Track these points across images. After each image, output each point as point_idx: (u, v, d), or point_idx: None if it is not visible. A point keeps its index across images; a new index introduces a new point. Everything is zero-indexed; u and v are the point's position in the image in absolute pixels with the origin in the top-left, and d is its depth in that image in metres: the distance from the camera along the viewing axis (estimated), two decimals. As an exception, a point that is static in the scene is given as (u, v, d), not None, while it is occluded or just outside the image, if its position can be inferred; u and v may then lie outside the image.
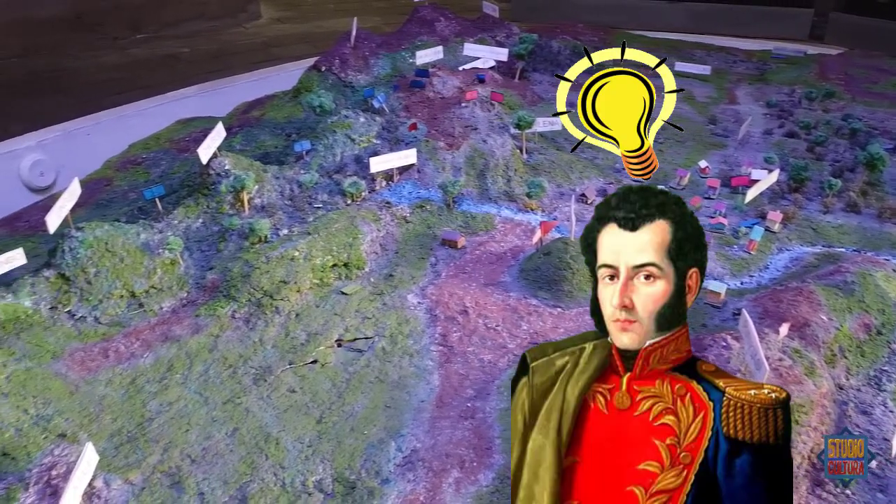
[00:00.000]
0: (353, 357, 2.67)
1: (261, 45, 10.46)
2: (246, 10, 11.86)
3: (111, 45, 10.39)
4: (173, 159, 4.08)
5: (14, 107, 6.89)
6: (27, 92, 8.29)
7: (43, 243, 3.28)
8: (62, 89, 8.64)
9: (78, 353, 2.61)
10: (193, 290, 2.93)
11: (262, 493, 2.12)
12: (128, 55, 9.99)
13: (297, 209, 3.35)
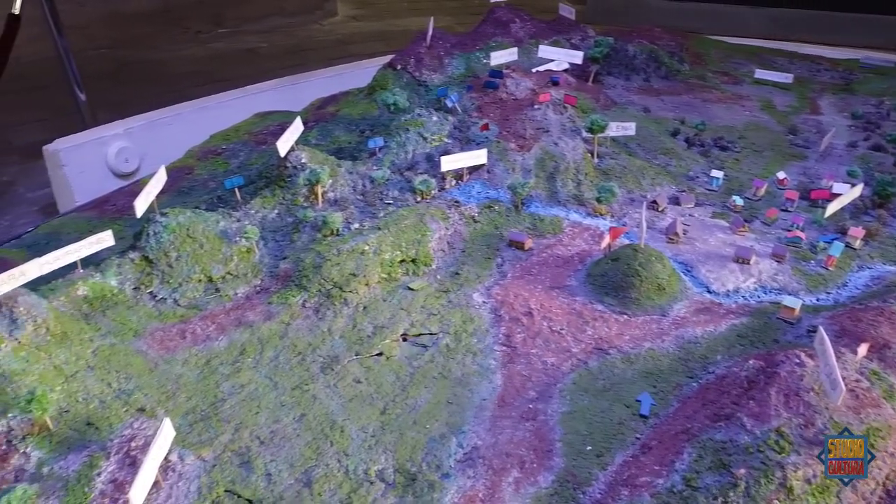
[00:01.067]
0: (417, 352, 2.72)
1: (336, 42, 10.68)
2: (323, 8, 12.11)
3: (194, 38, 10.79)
4: (251, 151, 4.22)
5: (103, 96, 7.23)
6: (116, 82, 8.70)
7: (129, 226, 3.44)
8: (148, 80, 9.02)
9: (158, 332, 2.74)
10: (267, 278, 3.03)
11: (325, 478, 2.18)
12: (210, 49, 10.36)
13: (369, 204, 3.42)
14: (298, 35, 11.09)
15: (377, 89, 4.51)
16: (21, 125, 7.57)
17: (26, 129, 7.45)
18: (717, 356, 2.65)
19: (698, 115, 4.51)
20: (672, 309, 2.90)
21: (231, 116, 4.91)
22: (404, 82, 4.46)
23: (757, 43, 6.16)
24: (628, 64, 5.08)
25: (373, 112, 4.38)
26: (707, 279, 3.08)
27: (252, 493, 2.12)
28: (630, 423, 2.40)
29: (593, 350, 2.72)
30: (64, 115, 7.08)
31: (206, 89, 6.98)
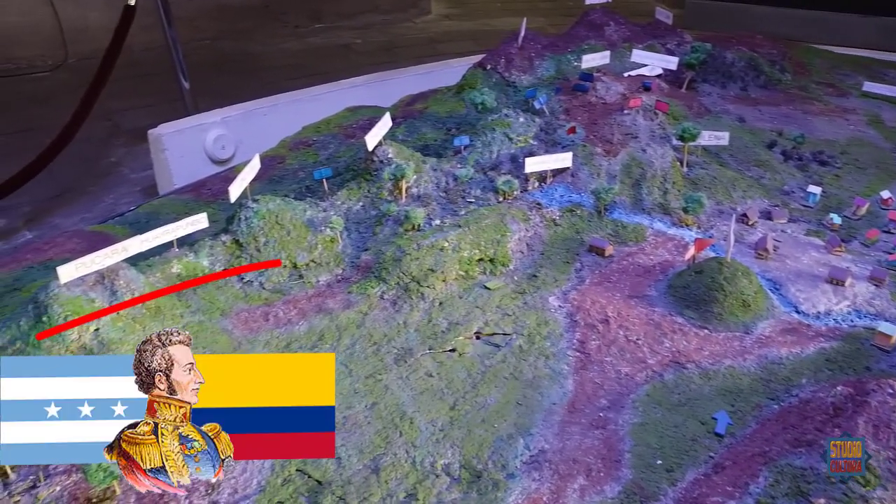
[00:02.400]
0: (490, 351, 2.73)
1: (428, 40, 10.80)
2: (417, 6, 12.27)
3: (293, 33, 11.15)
4: (340, 143, 4.33)
5: (204, 85, 7.56)
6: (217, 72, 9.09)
7: (222, 210, 3.60)
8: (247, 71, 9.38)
9: (243, 313, 2.86)
10: (348, 268, 3.11)
11: (393, 467, 2.22)
12: (306, 43, 10.68)
13: (451, 202, 3.45)
14: (392, 32, 11.28)
15: (466, 88, 4.54)
16: (129, 110, 8.03)
17: (134, 114, 7.89)
18: (801, 379, 2.54)
19: (797, 127, 4.32)
20: (756, 327, 2.80)
21: (323, 109, 5.05)
22: (493, 82, 4.47)
23: (867, 54, 5.83)
24: (725, 71, 4.92)
25: (460, 111, 4.42)
26: (796, 299, 2.95)
27: (321, 474, 2.19)
28: (704, 440, 2.33)
29: (670, 363, 2.66)
30: (168, 101, 7.47)
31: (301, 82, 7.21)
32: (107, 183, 6.65)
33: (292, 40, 10.78)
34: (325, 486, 2.15)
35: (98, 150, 7.20)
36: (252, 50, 10.25)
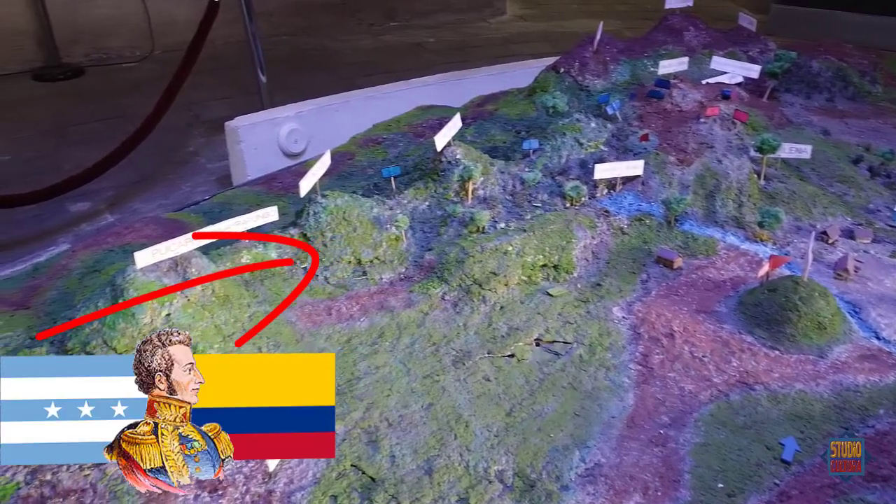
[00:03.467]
0: (549, 358, 2.70)
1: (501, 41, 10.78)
2: (492, 6, 12.26)
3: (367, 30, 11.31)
4: (409, 142, 4.36)
5: (280, 79, 7.75)
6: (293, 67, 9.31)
7: (291, 204, 3.68)
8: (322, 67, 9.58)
9: (307, 306, 2.91)
10: (411, 267, 3.12)
11: (446, 469, 2.22)
12: (380, 41, 10.82)
13: (517, 205, 3.43)
14: (465, 32, 11.30)
15: (537, 91, 4.50)
16: (209, 101, 8.31)
17: (213, 106, 8.17)
18: (879, 410, 2.41)
19: (887, 143, 4.10)
20: (832, 351, 2.68)
21: (394, 107, 5.10)
22: (566, 86, 4.42)
23: (968, 67, 5.49)
24: (810, 81, 4.72)
25: (530, 113, 4.38)
26: (877, 324, 2.80)
27: (375, 471, 2.21)
28: (769, 466, 2.24)
29: (737, 383, 2.56)
30: (246, 94, 7.69)
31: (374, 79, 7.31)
32: (184, 171, 6.90)
33: (367, 38, 10.94)
34: (379, 484, 2.17)
35: (178, 139, 7.48)
36: (327, 46, 10.45)
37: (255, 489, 2.12)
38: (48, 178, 5.99)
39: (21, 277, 3.20)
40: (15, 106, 8.58)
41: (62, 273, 3.15)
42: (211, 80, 8.56)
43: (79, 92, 9.05)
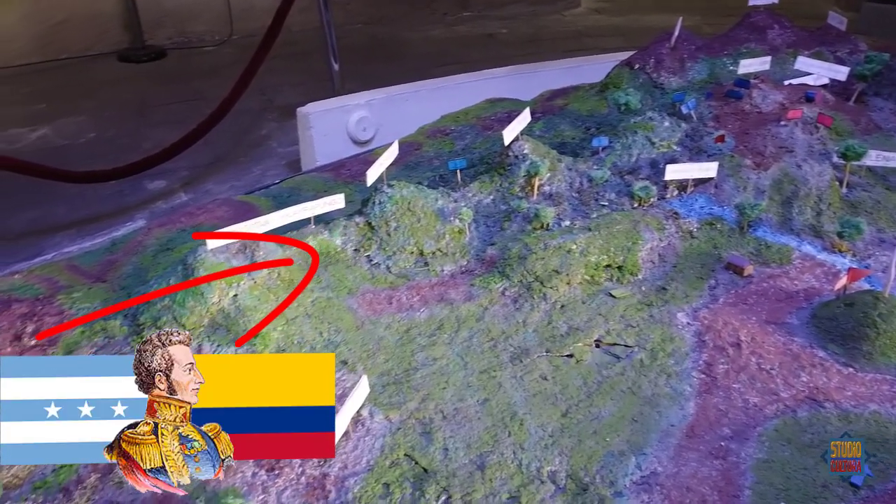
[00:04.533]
0: (608, 361, 2.65)
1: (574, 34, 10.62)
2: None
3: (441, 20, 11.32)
4: (477, 135, 4.35)
5: (353, 67, 7.84)
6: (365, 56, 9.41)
7: (358, 192, 3.72)
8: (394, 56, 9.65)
9: (368, 294, 2.94)
10: (473, 261, 3.12)
11: (499, 465, 2.22)
12: (453, 31, 10.81)
13: (583, 203, 3.37)
14: (538, 24, 11.18)
15: (610, 87, 4.41)
16: (283, 87, 8.49)
17: (286, 91, 8.34)
18: (961, 438, 2.28)
19: (985, 154, 3.85)
20: (911, 372, 2.54)
21: (463, 99, 5.09)
22: (639, 82, 4.31)
23: None
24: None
25: (601, 110, 4.30)
26: (963, 346, 2.64)
27: (428, 462, 2.22)
28: (836, 488, 2.14)
29: (805, 399, 2.46)
30: (318, 81, 7.82)
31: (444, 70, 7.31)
32: (256, 155, 7.08)
33: (440, 28, 10.95)
34: (431, 475, 2.18)
35: (251, 123, 7.67)
36: (400, 35, 10.52)
37: (310, 471, 2.17)
38: (129, 156, 6.26)
39: (99, 252, 3.35)
40: (101, 86, 8.97)
41: (137, 249, 3.28)
42: (285, 66, 8.74)
43: (160, 74, 9.40)
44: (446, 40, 10.35)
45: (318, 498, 2.11)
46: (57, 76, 9.35)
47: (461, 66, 7.85)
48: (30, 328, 2.57)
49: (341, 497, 2.12)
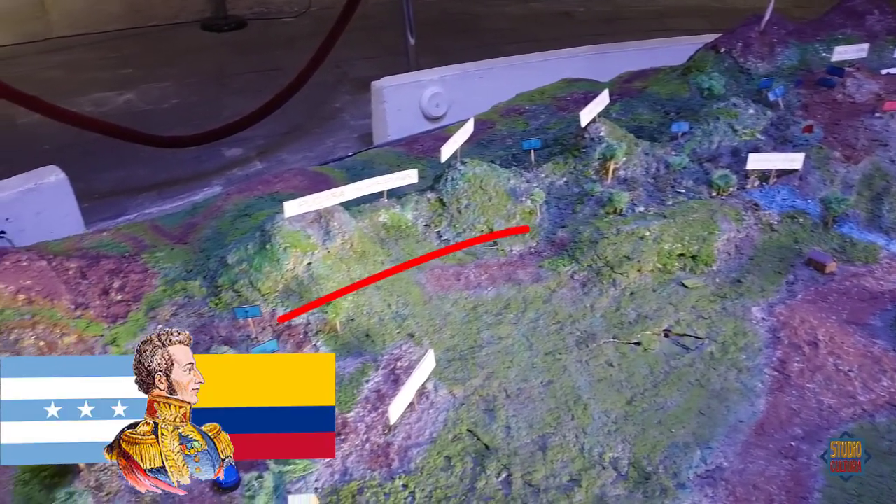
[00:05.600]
0: (677, 351, 2.61)
1: (655, 14, 10.30)
2: (649, -24, 11.67)
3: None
4: (552, 115, 4.29)
5: (428, 42, 7.81)
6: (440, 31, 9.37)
7: (430, 168, 3.74)
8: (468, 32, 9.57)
9: (436, 270, 2.96)
10: (542, 242, 3.10)
11: (560, 448, 2.22)
12: (528, 8, 10.64)
13: (659, 189, 3.30)
14: (617, 3, 10.88)
15: (693, 70, 4.27)
16: (358, 60, 8.55)
17: (361, 65, 8.40)
18: None
19: None
20: None
21: (538, 77, 5.02)
22: (724, 67, 4.16)
23: None
24: None
25: (682, 94, 4.18)
26: None
27: (490, 439, 2.24)
28: (914, 499, 2.06)
29: (885, 404, 2.37)
30: (392, 55, 7.84)
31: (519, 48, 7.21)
32: (329, 127, 7.18)
33: (515, 4, 10.79)
34: (492, 452, 2.20)
35: (326, 95, 7.77)
36: (476, 11, 10.42)
37: (375, 439, 2.22)
38: (208, 124, 6.43)
39: (181, 215, 3.48)
40: (184, 54, 9.23)
41: (217, 214, 3.38)
42: (361, 39, 8.79)
43: (241, 43, 9.60)
44: (521, 17, 10.20)
45: (381, 465, 2.16)
46: (143, 43, 9.67)
47: (536, 44, 7.73)
48: (116, 284, 2.70)
49: (404, 466, 2.16)
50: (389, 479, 2.13)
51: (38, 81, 7.77)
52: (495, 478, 2.14)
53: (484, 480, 2.13)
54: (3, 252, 2.60)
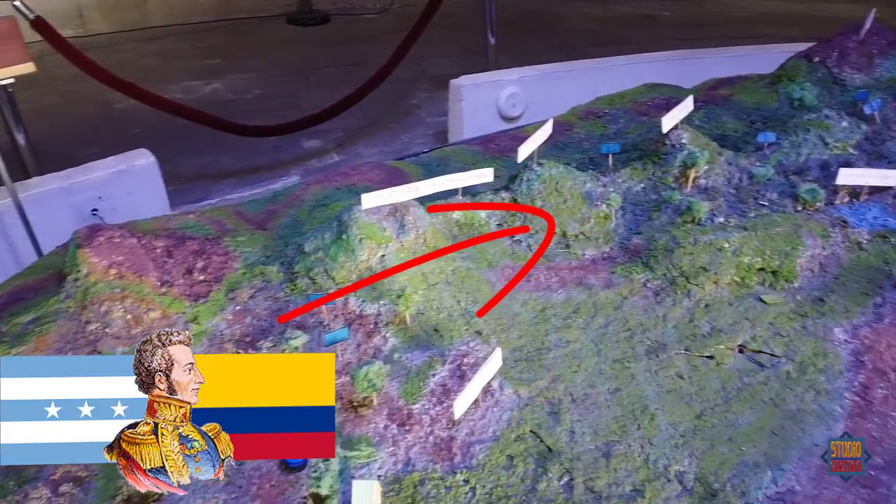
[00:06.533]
0: (752, 368, 2.53)
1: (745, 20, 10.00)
2: (740, -19, 11.34)
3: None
4: (631, 120, 4.23)
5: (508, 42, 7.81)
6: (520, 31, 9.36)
7: (504, 167, 3.74)
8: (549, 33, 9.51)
9: (507, 269, 2.97)
10: (616, 248, 3.06)
11: (625, 457, 2.19)
12: (611, 10, 10.49)
13: (741, 201, 3.20)
14: (705, 7, 10.61)
15: (783, 79, 4.13)
16: (437, 57, 8.63)
17: (440, 62, 8.48)
18: None
19: None
20: None
21: (618, 81, 4.95)
22: (818, 77, 4.00)
23: None
24: None
25: (770, 103, 4.04)
26: None
27: (553, 442, 2.24)
28: None
29: (977, 440, 2.24)
30: (470, 54, 7.88)
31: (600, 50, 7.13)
32: (406, 122, 7.28)
33: (597, 6, 10.66)
34: (555, 455, 2.19)
35: (404, 91, 7.88)
36: (557, 12, 10.35)
37: (439, 432, 2.25)
38: (289, 115, 6.63)
39: (262, 202, 3.60)
40: (269, 46, 9.53)
41: (295, 203, 3.48)
42: (441, 37, 8.87)
43: (324, 38, 9.83)
44: (603, 19, 10.07)
45: (444, 458, 2.18)
46: (231, 34, 10.03)
47: (618, 46, 7.62)
48: (199, 264, 2.82)
49: (466, 462, 2.18)
50: (451, 473, 2.15)
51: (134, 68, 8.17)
52: (557, 481, 2.13)
53: (545, 483, 2.13)
54: (99, 228, 2.75)
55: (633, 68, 6.09)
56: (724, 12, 10.37)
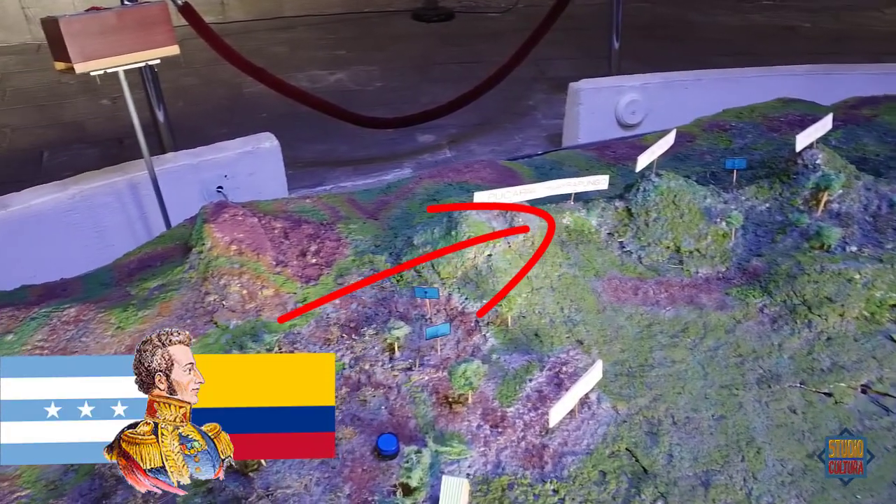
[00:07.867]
0: (875, 411, 2.34)
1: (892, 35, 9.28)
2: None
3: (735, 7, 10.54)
4: (760, 135, 4.01)
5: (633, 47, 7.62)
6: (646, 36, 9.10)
7: (620, 176, 3.65)
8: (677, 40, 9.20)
9: (614, 280, 2.89)
10: (733, 269, 2.92)
11: (725, 488, 2.09)
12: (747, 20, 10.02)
13: (877, 230, 2.97)
14: (850, 20, 9.93)
15: (937, 102, 3.79)
16: (556, 59, 8.53)
17: (560, 64, 8.38)
18: None
19: None
20: None
21: (749, 94, 4.72)
22: (979, 101, 3.65)
23: None
24: None
25: (920, 127, 3.73)
26: None
27: (650, 464, 2.16)
28: None
29: None
30: (592, 58, 7.74)
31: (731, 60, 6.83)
32: (520, 123, 7.25)
33: (733, 14, 10.21)
34: (650, 477, 2.12)
35: (521, 91, 7.84)
36: (688, 19, 9.99)
37: (532, 438, 2.22)
38: (407, 108, 6.75)
39: (375, 192, 3.68)
40: (394, 40, 9.75)
41: (407, 195, 3.54)
42: (563, 39, 8.76)
43: (447, 34, 9.95)
44: (738, 28, 9.61)
45: (534, 465, 2.16)
46: (358, 27, 10.33)
47: (751, 57, 7.26)
48: (313, 248, 2.92)
49: (557, 472, 2.15)
50: (541, 481, 2.12)
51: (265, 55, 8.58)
52: None
53: (637, 504, 2.06)
54: (224, 205, 2.90)
55: (765, 81, 5.78)
56: (871, 26, 9.65)
